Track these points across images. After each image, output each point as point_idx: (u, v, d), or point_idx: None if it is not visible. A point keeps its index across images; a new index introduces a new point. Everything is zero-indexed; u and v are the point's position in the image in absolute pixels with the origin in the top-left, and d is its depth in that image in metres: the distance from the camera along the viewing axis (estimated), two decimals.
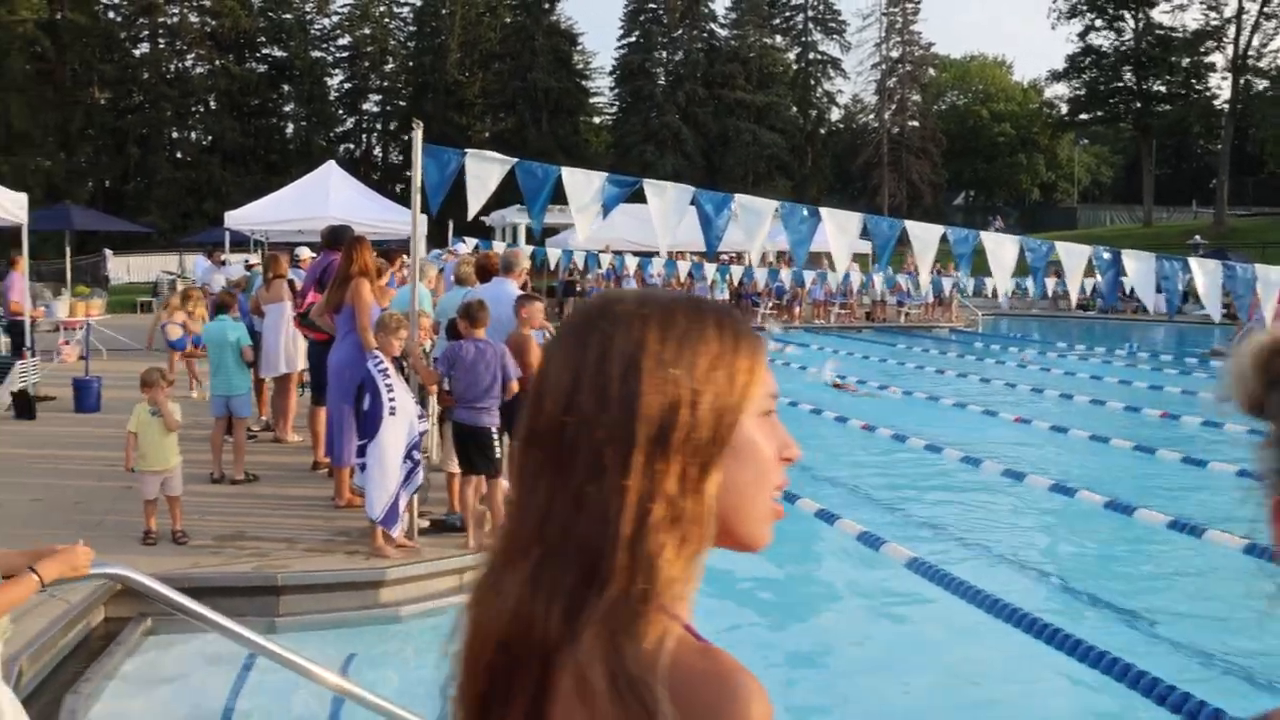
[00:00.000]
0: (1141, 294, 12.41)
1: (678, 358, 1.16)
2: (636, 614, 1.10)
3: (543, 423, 1.17)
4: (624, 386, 1.14)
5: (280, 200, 23.95)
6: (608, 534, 1.12)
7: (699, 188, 9.72)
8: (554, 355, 1.20)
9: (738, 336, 1.21)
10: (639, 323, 1.18)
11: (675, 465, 1.14)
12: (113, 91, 62.86)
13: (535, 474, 1.17)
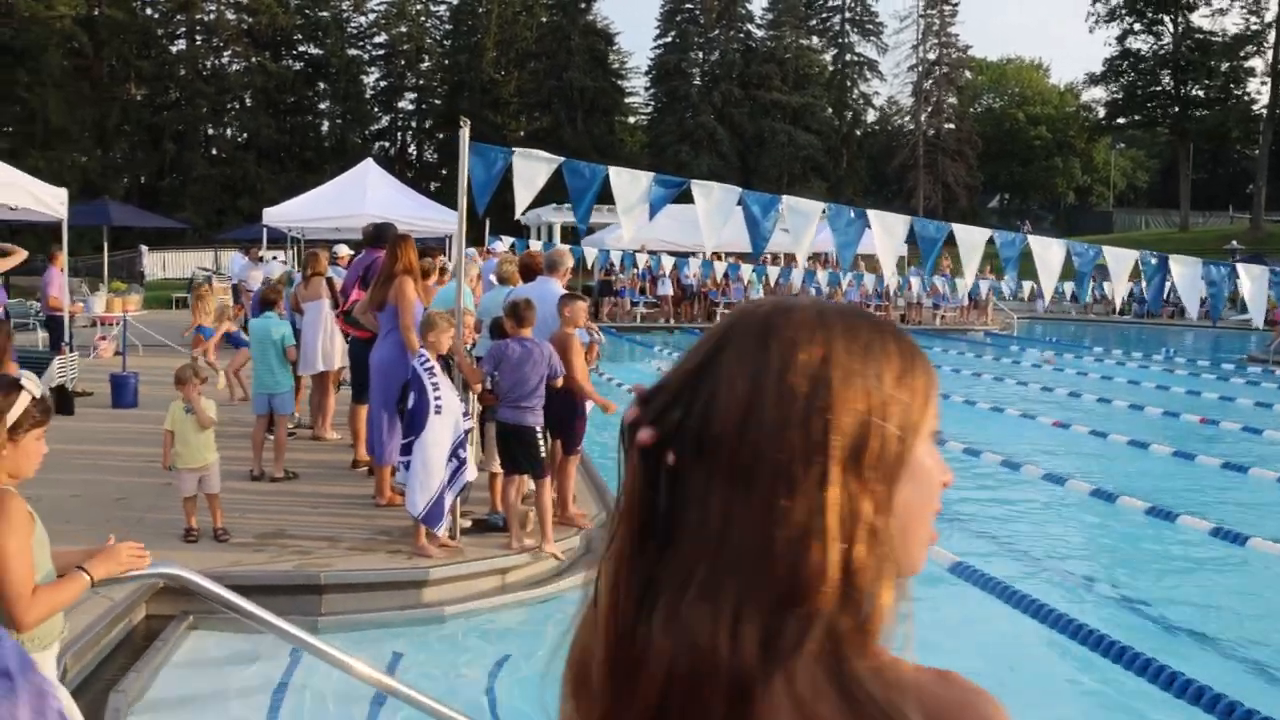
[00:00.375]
0: (1186, 299, 12.28)
1: (866, 370, 1.09)
2: (863, 642, 1.04)
3: (713, 433, 1.07)
4: (816, 398, 1.06)
5: (318, 197, 24.01)
6: (809, 556, 1.03)
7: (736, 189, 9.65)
8: (723, 361, 1.10)
9: (914, 353, 1.14)
10: (823, 332, 1.10)
11: (868, 484, 1.06)
12: (149, 88, 63.19)
13: (702, 488, 1.07)
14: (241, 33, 63.42)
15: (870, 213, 9.92)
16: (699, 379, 1.11)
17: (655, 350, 25.73)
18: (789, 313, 1.12)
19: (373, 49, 72.87)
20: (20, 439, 3.44)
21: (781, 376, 1.07)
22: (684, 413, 1.09)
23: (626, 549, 1.10)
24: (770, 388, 1.06)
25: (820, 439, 1.05)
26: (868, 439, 1.06)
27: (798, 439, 1.05)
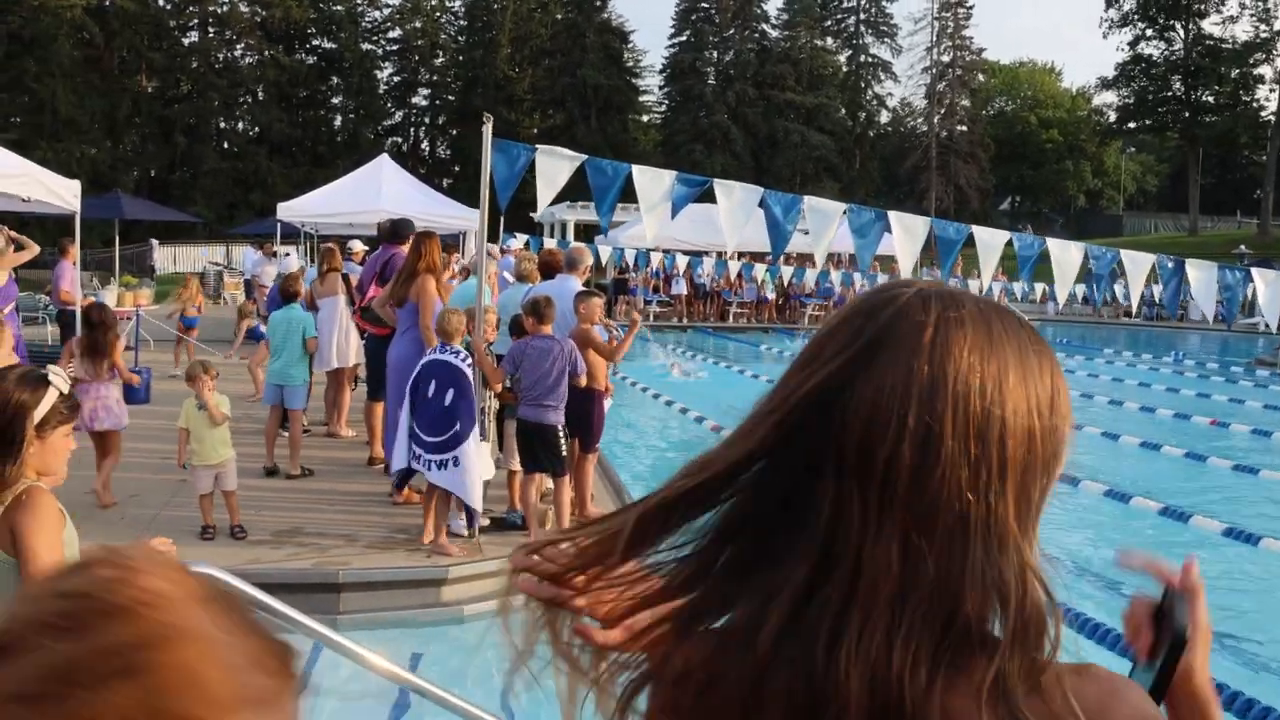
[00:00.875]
0: (1202, 303, 12.30)
1: (1027, 373, 1.04)
2: (1036, 665, 1.00)
3: (860, 445, 1.00)
4: (990, 406, 1.00)
5: (333, 193, 23.96)
6: (980, 575, 0.99)
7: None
8: (868, 367, 1.03)
9: (1047, 347, 1.09)
10: (984, 330, 1.04)
11: (1037, 492, 1.03)
12: (160, 80, 62.95)
13: (870, 515, 1.00)
14: (254, 25, 63.26)
15: (891, 214, 9.88)
16: (842, 389, 1.03)
17: (669, 348, 25.71)
18: (942, 310, 1.05)
19: (387, 44, 72.79)
20: (48, 435, 3.41)
21: (946, 383, 1.01)
22: (836, 428, 1.02)
23: (792, 580, 1.04)
24: (940, 396, 1.00)
25: (1000, 449, 1.00)
26: (1038, 445, 1.02)
27: (968, 451, 0.99)
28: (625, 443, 14.63)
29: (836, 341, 1.07)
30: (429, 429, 8.15)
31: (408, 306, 9.22)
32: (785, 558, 1.05)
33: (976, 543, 0.99)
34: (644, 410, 17.29)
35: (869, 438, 1.01)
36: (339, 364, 12.29)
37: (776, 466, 1.06)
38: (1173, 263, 11.62)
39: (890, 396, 1.01)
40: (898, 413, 1.00)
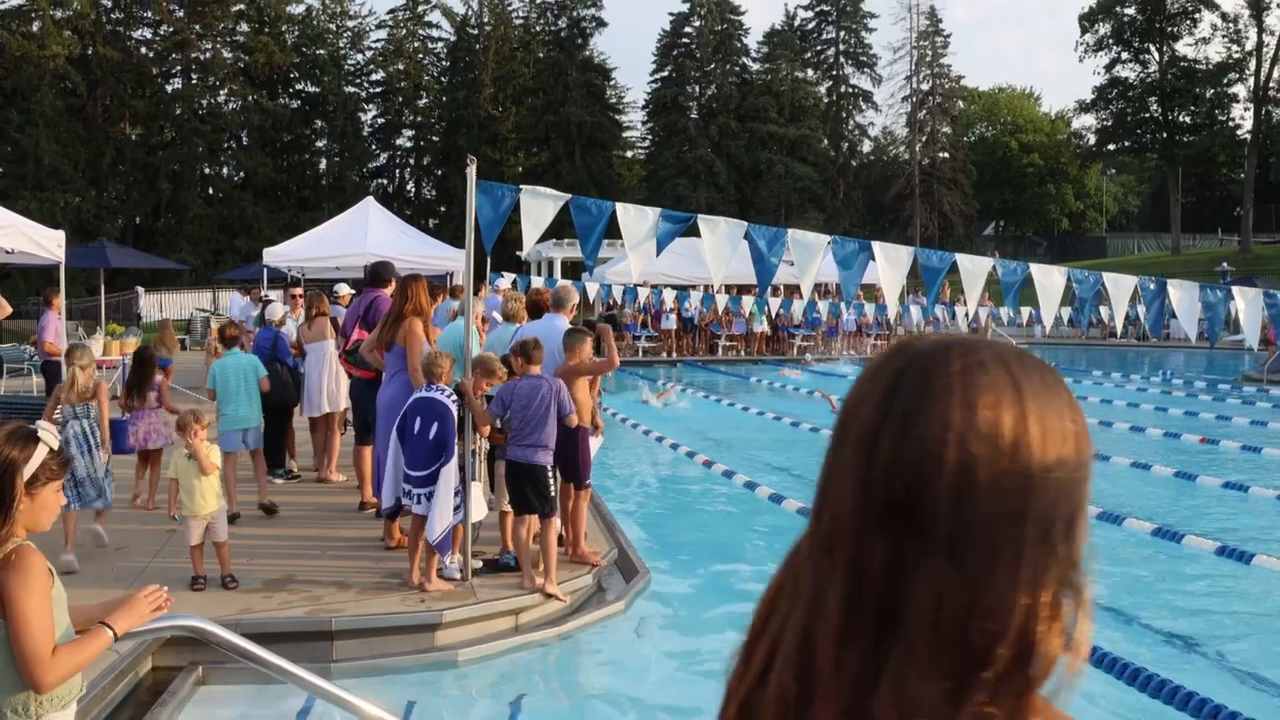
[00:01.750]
0: (1185, 323, 12.35)
1: (1072, 418, 1.07)
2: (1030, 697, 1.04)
3: (912, 493, 1.02)
4: (1044, 455, 1.03)
5: (319, 237, 23.99)
6: (1017, 622, 1.01)
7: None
8: (924, 422, 1.05)
9: (1065, 387, 1.12)
10: (1024, 379, 1.07)
11: (1079, 540, 1.06)
12: (144, 127, 62.93)
13: (916, 559, 1.02)
14: (238, 71, 63.33)
15: (875, 245, 9.90)
16: (891, 438, 1.06)
17: (658, 384, 25.71)
18: (980, 358, 1.08)
19: (370, 86, 73.05)
20: (38, 492, 3.38)
21: (999, 432, 1.03)
22: (899, 482, 1.05)
23: (855, 628, 1.05)
24: (990, 446, 1.02)
25: (1053, 499, 1.03)
26: (1083, 493, 1.05)
27: (1019, 500, 1.02)
28: (616, 481, 14.60)
29: (879, 393, 1.10)
30: (415, 464, 8.16)
31: (395, 350, 9.20)
32: (851, 609, 1.07)
33: (1020, 583, 1.02)
34: (634, 446, 17.27)
35: (889, 475, 1.04)
36: (329, 408, 12.26)
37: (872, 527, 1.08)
38: (1154, 284, 11.67)
39: (930, 444, 1.04)
40: (925, 447, 1.03)
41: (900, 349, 1.13)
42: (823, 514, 1.10)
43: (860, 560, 1.05)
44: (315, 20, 69.97)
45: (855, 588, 1.05)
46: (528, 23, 73.40)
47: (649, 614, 8.64)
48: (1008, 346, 1.11)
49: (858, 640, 1.04)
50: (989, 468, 1.01)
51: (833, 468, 1.11)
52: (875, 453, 1.05)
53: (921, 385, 1.07)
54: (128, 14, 62.10)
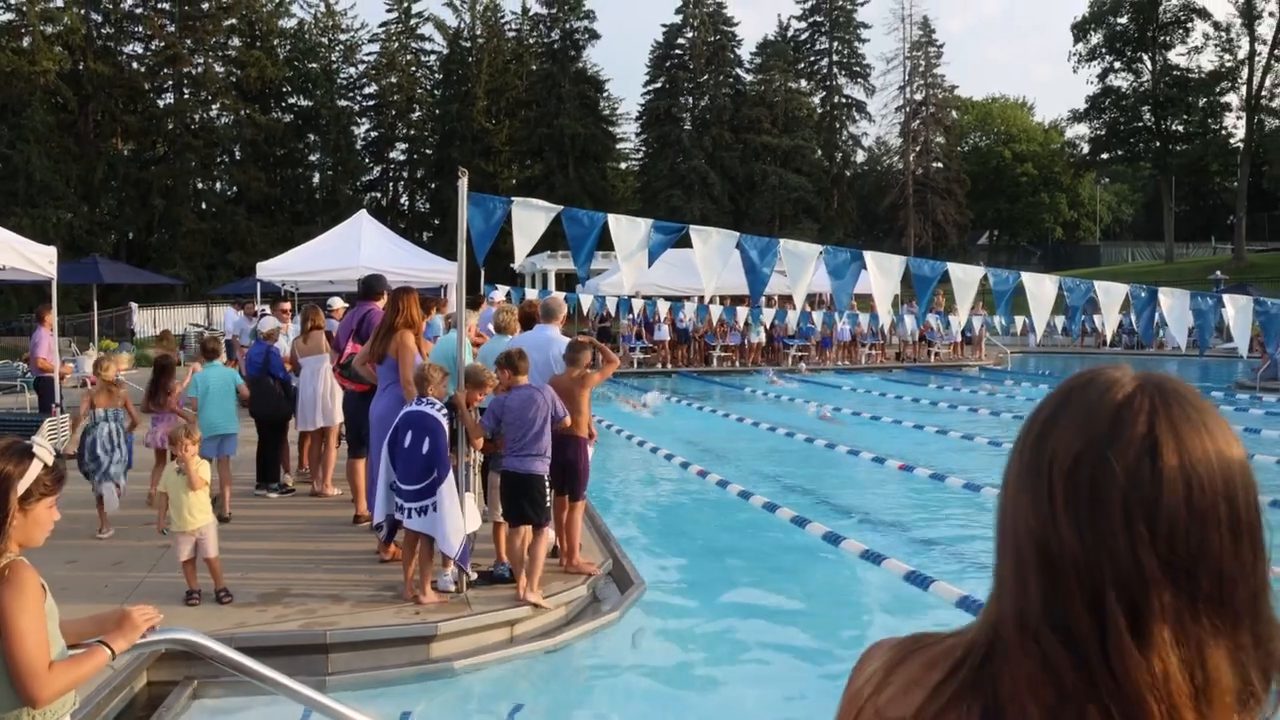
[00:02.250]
0: (1175, 330, 12.39)
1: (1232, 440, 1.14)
2: None
3: (1188, 553, 1.06)
4: (1252, 491, 1.12)
5: (312, 251, 23.97)
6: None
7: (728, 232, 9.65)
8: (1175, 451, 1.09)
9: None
10: (1211, 411, 1.14)
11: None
12: (136, 142, 62.90)
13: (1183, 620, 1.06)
14: (230, 85, 63.37)
15: (867, 254, 9.92)
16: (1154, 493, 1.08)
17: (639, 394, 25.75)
18: (1175, 393, 1.16)
19: (363, 100, 73.14)
20: (31, 508, 3.37)
21: (1227, 475, 1.11)
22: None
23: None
24: (1225, 492, 1.10)
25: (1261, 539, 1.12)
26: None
27: (1251, 547, 1.11)
28: (613, 491, 14.60)
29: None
30: (407, 478, 8.14)
31: (388, 362, 9.21)
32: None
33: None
34: (629, 456, 17.27)
35: (1151, 531, 1.08)
36: (324, 422, 12.25)
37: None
38: (1146, 292, 11.70)
39: (1183, 481, 1.10)
40: (1177, 493, 1.08)
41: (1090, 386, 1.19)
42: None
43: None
44: (307, 34, 70.11)
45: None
46: (520, 35, 73.47)
47: (644, 624, 8.64)
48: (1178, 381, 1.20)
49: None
50: (1237, 505, 1.12)
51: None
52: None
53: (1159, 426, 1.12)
54: (119, 29, 62.13)
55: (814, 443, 17.17)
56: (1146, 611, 1.03)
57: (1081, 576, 1.05)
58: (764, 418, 20.72)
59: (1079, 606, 1.05)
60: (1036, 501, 1.09)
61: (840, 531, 10.68)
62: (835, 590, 9.80)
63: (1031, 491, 1.10)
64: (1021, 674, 1.08)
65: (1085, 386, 1.14)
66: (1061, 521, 1.07)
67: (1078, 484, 1.07)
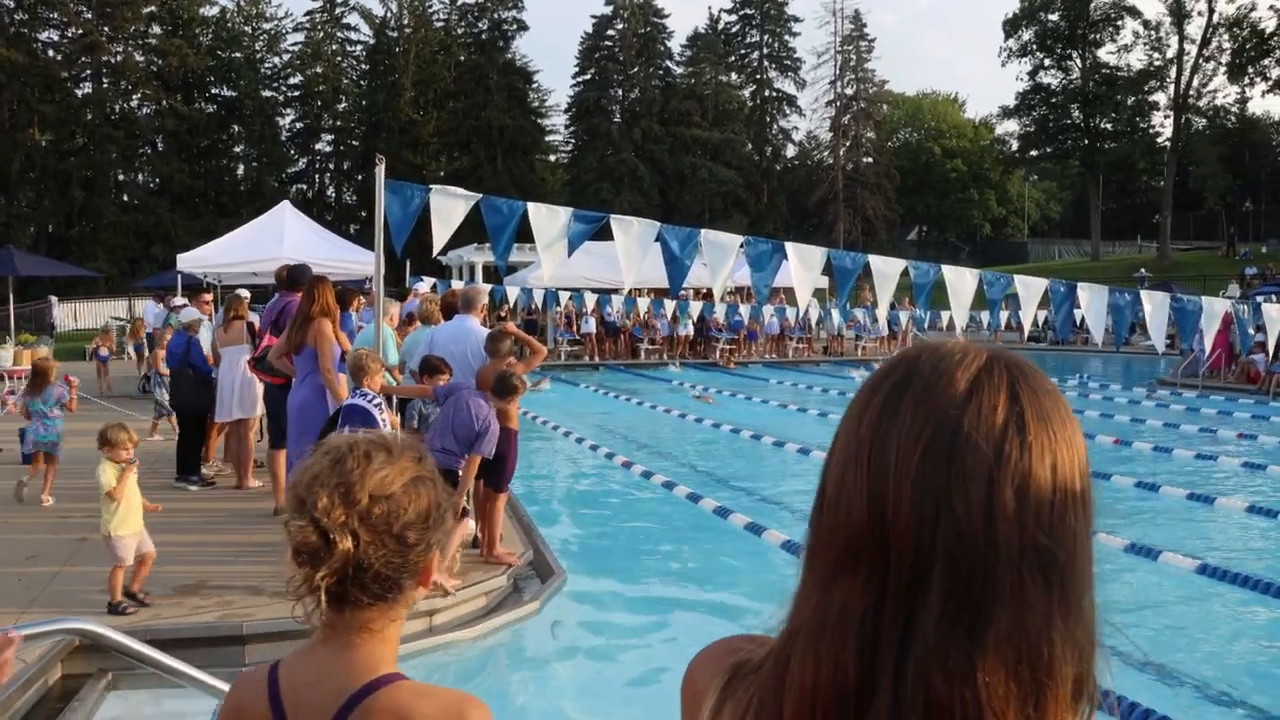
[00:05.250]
0: (1093, 326, 12.59)
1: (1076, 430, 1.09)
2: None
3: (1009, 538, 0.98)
4: (1085, 478, 1.06)
5: (234, 242, 23.71)
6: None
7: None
8: (1004, 453, 1.00)
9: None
10: (1054, 386, 1.07)
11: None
12: (54, 133, 61.35)
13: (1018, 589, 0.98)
14: (151, 75, 62.27)
15: (788, 245, 9.98)
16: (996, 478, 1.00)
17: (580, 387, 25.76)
18: (1025, 376, 1.06)
19: (288, 90, 72.31)
20: None
21: (1055, 457, 1.04)
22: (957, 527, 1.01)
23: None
24: (1065, 476, 1.05)
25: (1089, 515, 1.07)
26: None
27: (1084, 523, 1.06)
28: (534, 480, 14.57)
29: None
30: None
31: (306, 352, 9.13)
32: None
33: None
34: (552, 447, 17.27)
35: (987, 522, 1.02)
36: (241, 414, 12.11)
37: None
38: (1064, 287, 11.88)
39: (1031, 472, 1.04)
40: (1024, 485, 1.02)
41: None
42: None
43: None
44: (230, 22, 69.24)
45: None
46: (448, 25, 73.01)
47: (564, 615, 8.64)
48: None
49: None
50: (1075, 492, 1.07)
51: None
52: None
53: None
54: (32, 14, 60.67)
55: (740, 434, 17.28)
56: (988, 595, 0.96)
57: (912, 563, 0.97)
58: (691, 409, 20.83)
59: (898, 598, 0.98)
60: (875, 480, 1.00)
61: (762, 522, 10.77)
62: (758, 579, 9.86)
63: (871, 470, 1.01)
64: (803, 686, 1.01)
65: (930, 357, 1.06)
66: (905, 501, 0.98)
67: (933, 457, 0.99)
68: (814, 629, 1.01)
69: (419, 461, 1.84)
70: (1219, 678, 7.48)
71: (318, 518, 1.71)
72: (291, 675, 1.85)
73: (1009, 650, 0.95)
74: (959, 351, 1.06)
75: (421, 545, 1.79)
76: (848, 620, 0.99)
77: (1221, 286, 42.05)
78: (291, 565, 1.76)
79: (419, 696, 1.77)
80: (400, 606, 1.83)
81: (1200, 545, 10.74)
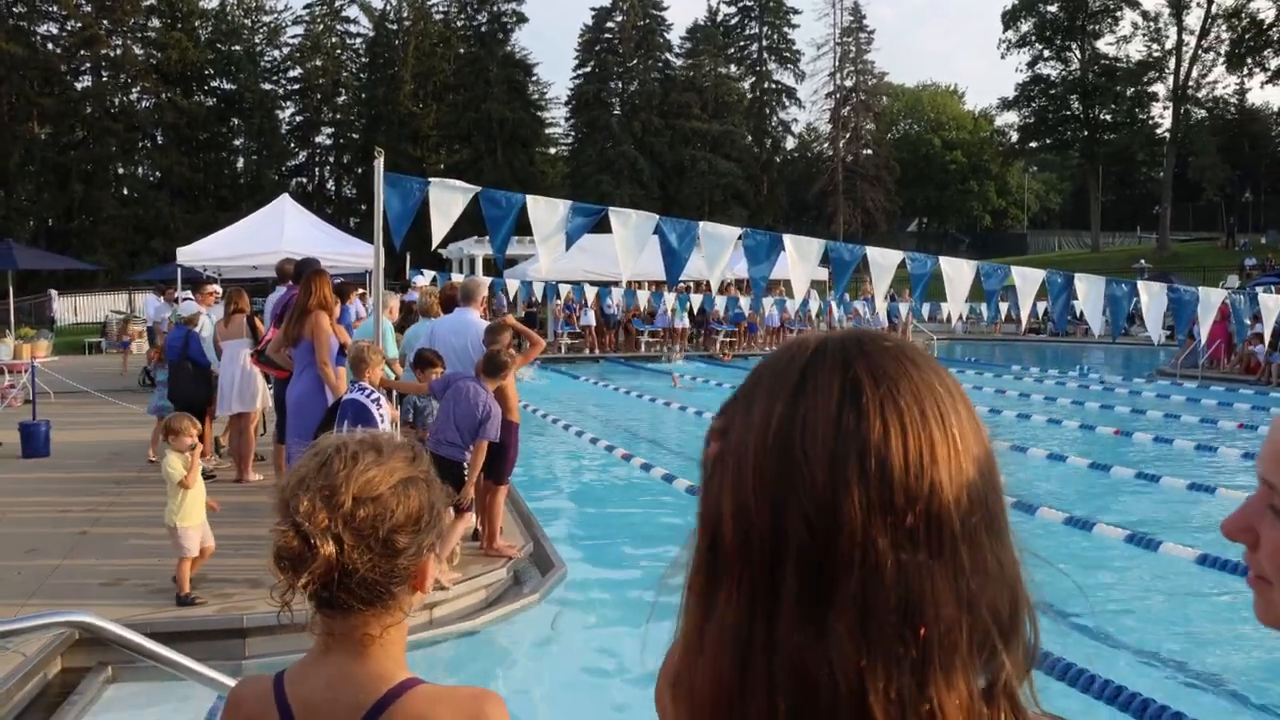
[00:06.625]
0: (1090, 317, 12.59)
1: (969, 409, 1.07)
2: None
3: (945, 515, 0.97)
4: (957, 429, 1.00)
5: (234, 235, 23.64)
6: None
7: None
8: (919, 437, 0.98)
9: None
10: (910, 348, 1.05)
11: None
12: (53, 126, 61.46)
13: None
14: (150, 68, 62.22)
15: (786, 237, 9.98)
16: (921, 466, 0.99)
17: (580, 380, 25.76)
18: (921, 370, 1.03)
19: (287, 83, 72.29)
20: None
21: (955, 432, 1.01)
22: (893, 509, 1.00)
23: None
24: (975, 456, 1.02)
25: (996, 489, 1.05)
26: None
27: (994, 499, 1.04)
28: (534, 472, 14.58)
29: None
30: None
31: (303, 345, 9.14)
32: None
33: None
34: (552, 439, 17.28)
35: (932, 504, 1.01)
36: (240, 408, 12.11)
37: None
38: (1061, 278, 11.87)
39: (949, 462, 1.01)
40: (936, 467, 1.01)
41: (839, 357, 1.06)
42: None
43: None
44: (229, 15, 69.17)
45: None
46: (448, 18, 72.99)
47: (564, 607, 8.66)
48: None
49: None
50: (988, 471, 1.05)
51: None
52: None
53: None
54: (32, 8, 60.64)
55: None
56: (837, 566, 0.95)
57: (770, 559, 0.97)
58: (690, 402, 20.82)
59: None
60: (737, 487, 1.00)
61: None
62: None
63: (733, 478, 1.01)
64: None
65: (775, 356, 1.06)
66: (762, 502, 0.97)
67: (777, 451, 0.98)
68: (695, 643, 1.02)
69: (411, 462, 1.81)
70: (1219, 666, 7.50)
71: (299, 522, 1.69)
72: (300, 690, 1.81)
73: (858, 611, 0.93)
74: (799, 342, 1.05)
75: (412, 549, 1.75)
76: (724, 630, 0.98)
77: (1221, 277, 42.03)
78: (274, 569, 1.74)
79: (435, 703, 1.75)
80: (395, 612, 1.79)
81: (1201, 536, 10.75)
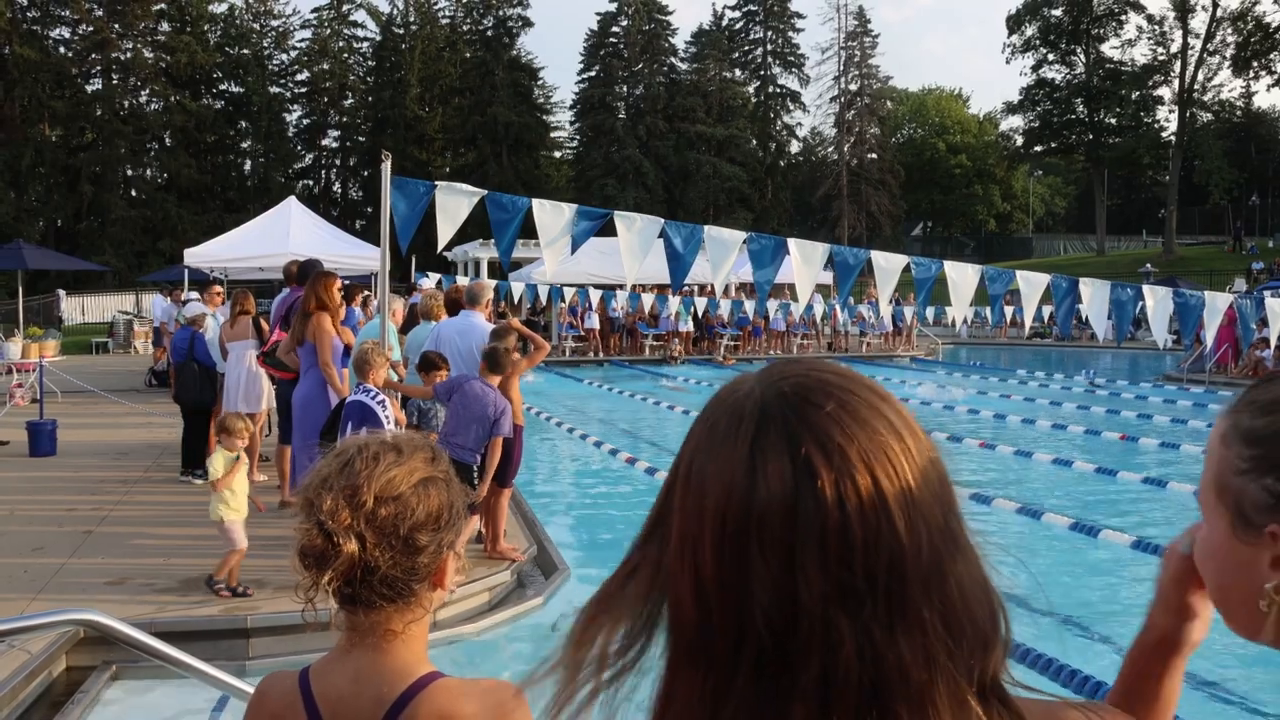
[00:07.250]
0: (1095, 321, 12.56)
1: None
2: None
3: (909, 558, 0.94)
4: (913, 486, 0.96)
5: (241, 237, 23.75)
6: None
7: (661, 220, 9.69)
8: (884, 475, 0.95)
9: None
10: (857, 389, 1.02)
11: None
12: (64, 128, 61.95)
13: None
14: (159, 71, 62.50)
15: (790, 241, 10.00)
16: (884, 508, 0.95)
17: (584, 383, 25.79)
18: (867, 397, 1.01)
19: (295, 87, 72.51)
20: None
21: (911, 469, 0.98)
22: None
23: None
24: (929, 491, 0.99)
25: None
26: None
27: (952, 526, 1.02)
28: (537, 475, 14.61)
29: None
30: None
31: (307, 346, 9.18)
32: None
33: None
34: (555, 442, 17.30)
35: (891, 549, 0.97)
36: (246, 409, 12.12)
37: None
38: (1066, 282, 11.86)
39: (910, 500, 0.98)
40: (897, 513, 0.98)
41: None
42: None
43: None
44: (238, 19, 69.44)
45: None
46: (454, 22, 73.21)
47: (568, 610, 8.64)
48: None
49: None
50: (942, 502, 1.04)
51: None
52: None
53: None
54: (45, 13, 61.09)
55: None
56: (796, 648, 0.92)
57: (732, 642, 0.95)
58: (695, 405, 20.84)
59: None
60: (693, 569, 0.97)
61: None
62: None
63: (689, 559, 0.98)
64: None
65: (713, 425, 1.01)
66: (719, 586, 0.95)
67: (732, 536, 0.94)
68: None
69: (431, 462, 1.85)
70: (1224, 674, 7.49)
71: (323, 520, 1.73)
72: (325, 685, 1.85)
73: (820, 689, 0.91)
74: (735, 410, 1.00)
75: (432, 547, 1.79)
76: (689, 710, 0.97)
77: (1227, 281, 41.98)
78: (298, 567, 1.78)
79: (457, 695, 1.78)
80: (416, 608, 1.83)
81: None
